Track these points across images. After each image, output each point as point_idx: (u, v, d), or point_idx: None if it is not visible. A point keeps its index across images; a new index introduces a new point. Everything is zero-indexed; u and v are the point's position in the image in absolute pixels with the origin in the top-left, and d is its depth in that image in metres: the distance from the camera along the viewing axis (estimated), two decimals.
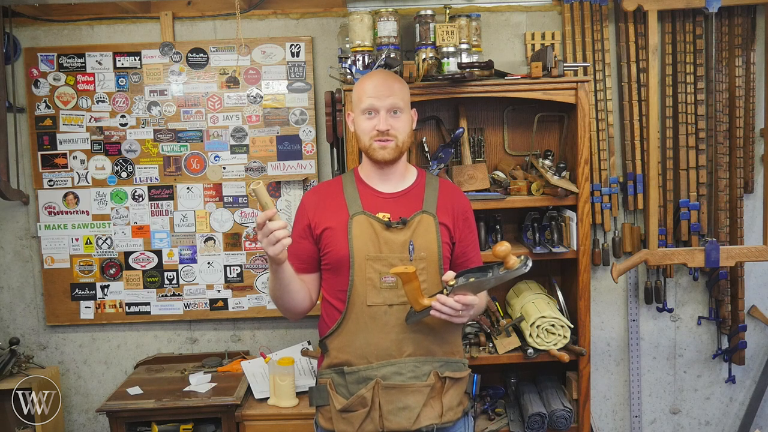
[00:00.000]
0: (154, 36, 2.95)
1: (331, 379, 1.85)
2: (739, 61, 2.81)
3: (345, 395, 1.82)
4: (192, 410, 2.60)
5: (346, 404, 1.80)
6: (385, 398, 1.77)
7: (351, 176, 1.96)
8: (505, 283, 2.86)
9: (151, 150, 2.96)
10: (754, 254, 2.64)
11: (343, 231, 1.83)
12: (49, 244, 2.99)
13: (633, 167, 2.87)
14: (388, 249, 1.82)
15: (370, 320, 1.81)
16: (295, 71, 2.93)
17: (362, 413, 1.78)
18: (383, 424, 1.78)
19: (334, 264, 1.85)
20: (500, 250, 1.60)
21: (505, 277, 1.65)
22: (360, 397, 1.78)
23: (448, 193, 1.95)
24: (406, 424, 1.77)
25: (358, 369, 1.81)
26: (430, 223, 1.85)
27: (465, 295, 1.68)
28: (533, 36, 2.87)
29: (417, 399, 1.78)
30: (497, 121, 2.83)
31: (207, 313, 3.03)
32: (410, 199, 1.90)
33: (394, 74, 1.96)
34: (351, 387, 1.81)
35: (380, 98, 1.83)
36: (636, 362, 3.05)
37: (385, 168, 1.89)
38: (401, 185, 1.92)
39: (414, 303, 1.72)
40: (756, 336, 3.05)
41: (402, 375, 1.79)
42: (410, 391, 1.78)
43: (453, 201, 1.94)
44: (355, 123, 1.90)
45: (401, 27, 2.72)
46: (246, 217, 2.98)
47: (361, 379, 1.80)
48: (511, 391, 2.81)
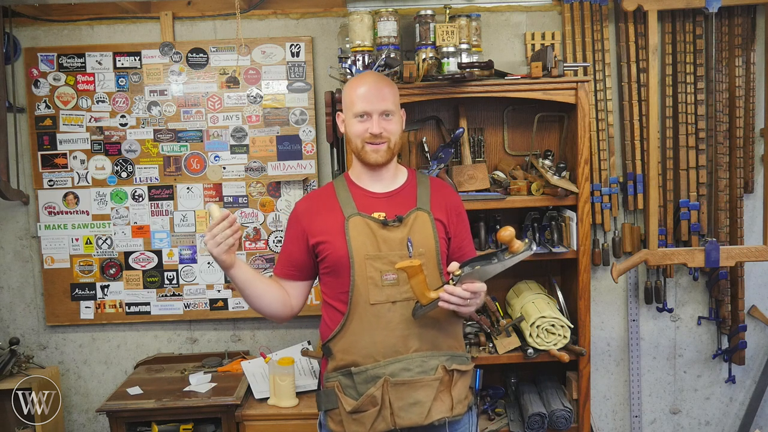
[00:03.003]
0: (154, 36, 2.95)
1: (338, 381, 1.84)
2: (739, 61, 2.81)
3: (354, 396, 1.81)
4: (192, 410, 2.60)
5: (356, 405, 1.79)
6: (395, 395, 1.77)
7: (342, 181, 1.97)
8: (505, 283, 2.92)
9: (151, 150, 2.96)
10: (754, 254, 2.64)
11: (340, 233, 1.84)
12: (49, 244, 2.99)
13: (633, 167, 2.87)
14: (387, 247, 1.82)
15: (374, 318, 1.81)
16: (295, 71, 2.93)
17: (373, 412, 1.78)
18: (395, 421, 1.77)
19: (334, 266, 1.85)
20: (505, 235, 1.61)
21: (510, 262, 1.66)
22: (370, 396, 1.78)
23: (439, 190, 1.97)
24: (417, 419, 1.77)
25: (365, 368, 1.80)
26: (425, 220, 1.87)
27: (472, 283, 1.70)
28: (533, 36, 2.87)
29: (427, 393, 1.79)
30: (497, 121, 2.83)
31: (207, 313, 3.03)
32: (403, 197, 1.92)
33: (384, 77, 1.97)
34: (360, 387, 1.80)
35: (372, 102, 1.85)
36: (636, 362, 3.05)
37: (376, 169, 1.91)
38: (393, 185, 1.94)
39: (420, 297, 1.73)
40: (756, 336, 3.05)
41: (410, 370, 1.79)
42: (420, 385, 1.78)
43: (445, 197, 1.96)
44: (347, 125, 1.92)
45: (401, 27, 2.72)
46: (246, 217, 2.98)
47: (369, 378, 1.79)
48: (511, 391, 2.81)
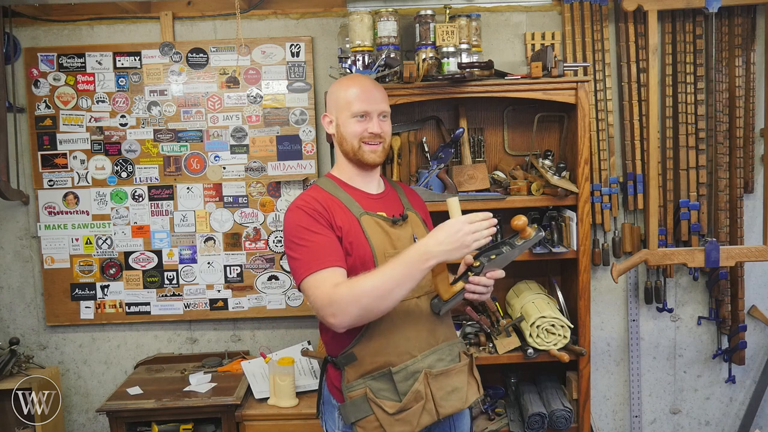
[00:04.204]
0: (154, 36, 2.95)
1: (368, 387, 1.79)
2: (739, 61, 2.81)
3: (392, 398, 1.78)
4: (192, 410, 2.60)
5: (401, 405, 1.76)
6: (436, 386, 1.80)
7: (331, 182, 1.91)
8: (506, 283, 2.92)
9: (151, 150, 2.96)
10: (754, 254, 2.64)
11: (358, 231, 1.81)
12: (49, 244, 2.99)
13: (633, 167, 2.87)
14: (401, 244, 1.83)
15: (404, 315, 1.81)
16: (295, 71, 2.93)
17: (418, 408, 1.77)
18: (438, 411, 1.80)
19: (358, 265, 1.79)
20: (519, 223, 1.75)
21: (524, 247, 1.79)
22: (415, 392, 1.77)
23: (411, 193, 2.07)
24: (459, 405, 1.83)
25: (405, 365, 1.79)
26: (417, 220, 1.95)
27: (495, 271, 1.77)
28: (533, 36, 2.87)
29: (461, 379, 1.85)
30: (497, 121, 2.83)
31: (207, 313, 3.03)
32: (391, 199, 1.96)
33: (373, 80, 2.00)
34: (400, 386, 1.78)
35: (371, 103, 1.87)
36: (636, 362, 3.05)
37: (369, 170, 1.92)
38: (380, 187, 1.98)
39: (444, 292, 1.78)
40: (756, 336, 3.05)
41: (443, 360, 1.84)
42: (454, 373, 1.84)
43: (417, 200, 2.07)
44: (340, 126, 1.88)
45: (401, 27, 2.72)
46: (246, 217, 2.98)
47: (409, 374, 1.79)
48: (511, 391, 2.81)
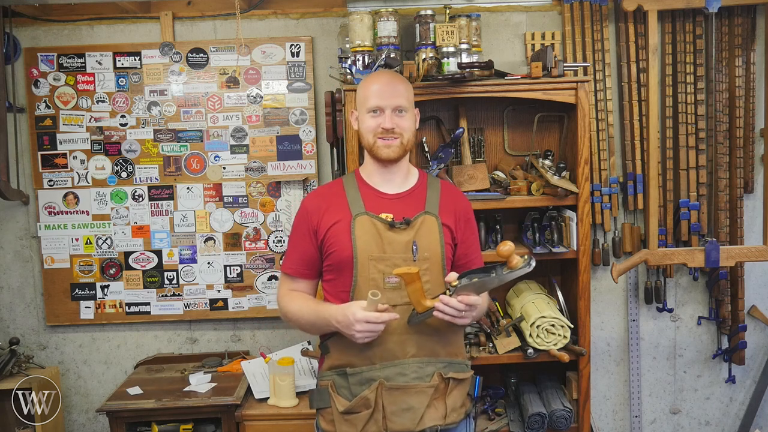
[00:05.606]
0: (154, 36, 2.95)
1: (333, 381, 1.84)
2: (739, 61, 2.81)
3: (347, 397, 1.81)
4: (192, 410, 2.60)
5: (348, 406, 1.79)
6: (389, 399, 1.76)
7: (352, 177, 1.96)
8: (506, 283, 2.91)
9: (151, 150, 2.96)
10: (754, 254, 2.64)
11: (346, 231, 1.82)
12: (49, 244, 2.99)
13: (633, 167, 2.87)
14: (392, 249, 1.81)
15: None
16: (295, 71, 2.93)
17: (365, 415, 1.77)
18: (386, 425, 1.76)
19: (338, 264, 1.84)
20: (504, 250, 1.62)
21: (508, 277, 1.66)
22: (363, 398, 1.77)
23: (449, 195, 1.96)
24: (409, 425, 1.76)
25: (360, 370, 1.79)
26: (433, 224, 1.86)
27: (468, 296, 1.68)
28: (533, 36, 2.87)
29: (421, 400, 1.77)
30: (497, 121, 2.83)
31: (207, 313, 3.03)
32: (413, 199, 1.90)
33: (399, 75, 1.97)
34: (354, 388, 1.80)
35: (385, 98, 1.85)
36: (636, 362, 3.05)
37: (389, 167, 1.89)
38: (404, 186, 1.92)
39: (416, 304, 1.71)
40: (756, 336, 3.05)
41: (405, 376, 1.78)
42: (414, 391, 1.77)
43: (455, 202, 1.95)
44: (360, 122, 1.92)
45: (401, 27, 2.72)
46: (246, 217, 2.98)
47: (363, 380, 1.79)
48: (511, 391, 2.81)
